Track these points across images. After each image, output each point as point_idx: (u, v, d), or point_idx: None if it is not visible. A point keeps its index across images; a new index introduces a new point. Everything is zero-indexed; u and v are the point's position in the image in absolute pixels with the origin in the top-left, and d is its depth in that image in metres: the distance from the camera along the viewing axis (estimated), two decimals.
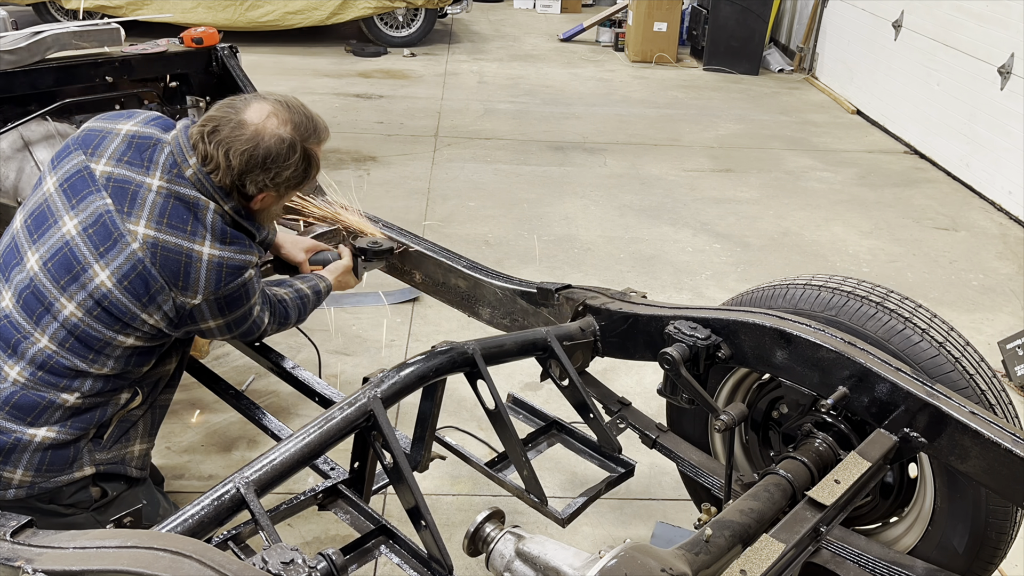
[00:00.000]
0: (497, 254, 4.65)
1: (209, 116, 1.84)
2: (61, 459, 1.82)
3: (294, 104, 1.88)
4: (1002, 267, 4.91)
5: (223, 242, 1.81)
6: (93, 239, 1.77)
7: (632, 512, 2.84)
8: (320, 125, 1.91)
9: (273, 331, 2.11)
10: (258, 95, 1.91)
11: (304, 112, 1.88)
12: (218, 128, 1.80)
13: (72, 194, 1.82)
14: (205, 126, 1.81)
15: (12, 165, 2.93)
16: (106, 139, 1.86)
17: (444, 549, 1.64)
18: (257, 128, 1.80)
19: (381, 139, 6.48)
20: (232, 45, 3.45)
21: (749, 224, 5.29)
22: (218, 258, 1.80)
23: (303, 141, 1.84)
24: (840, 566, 1.80)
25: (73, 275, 1.77)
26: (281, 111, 1.84)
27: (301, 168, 1.86)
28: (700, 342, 1.93)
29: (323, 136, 1.91)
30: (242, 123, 1.80)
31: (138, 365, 1.87)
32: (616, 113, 7.53)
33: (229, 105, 1.85)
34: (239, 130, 1.79)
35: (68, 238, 1.79)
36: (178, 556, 1.18)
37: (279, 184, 1.85)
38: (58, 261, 1.79)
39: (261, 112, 1.82)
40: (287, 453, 1.60)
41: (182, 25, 7.65)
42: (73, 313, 1.77)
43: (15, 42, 2.92)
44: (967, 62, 6.23)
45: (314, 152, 1.89)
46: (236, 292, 1.85)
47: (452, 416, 3.08)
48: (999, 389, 1.87)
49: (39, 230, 1.83)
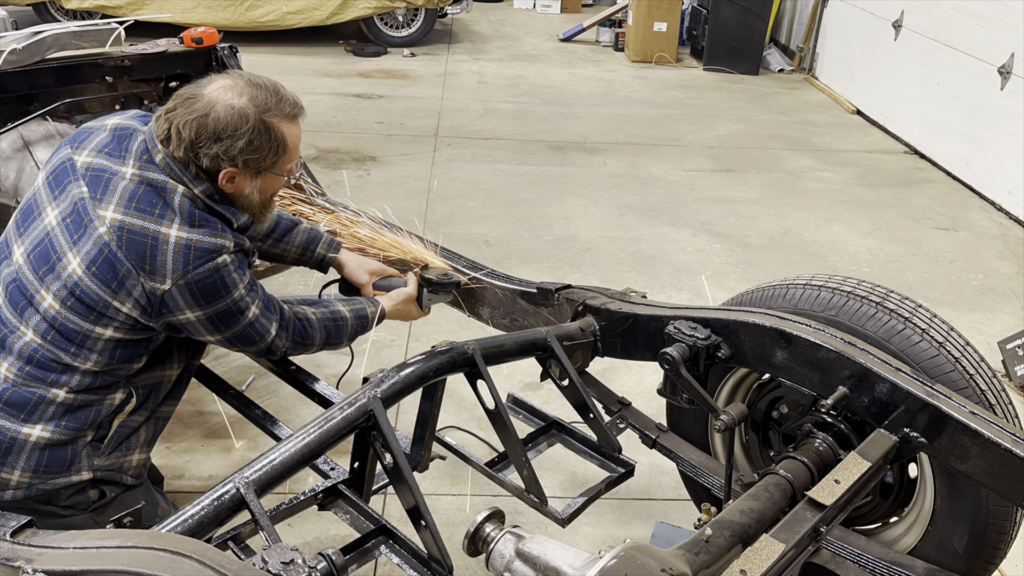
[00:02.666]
0: (497, 254, 4.65)
1: (174, 95, 1.82)
2: (59, 461, 1.81)
3: (260, 80, 1.83)
4: (1002, 267, 4.91)
5: (191, 224, 1.75)
6: (69, 228, 1.77)
7: (632, 512, 2.84)
8: (286, 99, 1.83)
9: (287, 347, 2.00)
10: (227, 72, 1.87)
11: (270, 87, 1.82)
12: (175, 105, 1.78)
13: (55, 186, 1.83)
14: (167, 104, 1.80)
15: (12, 165, 2.93)
16: (92, 133, 1.87)
17: (444, 549, 1.64)
18: (209, 99, 1.76)
19: (381, 139, 6.48)
20: (232, 45, 3.45)
21: (749, 224, 5.29)
22: (185, 240, 1.73)
23: (260, 112, 1.78)
24: (840, 566, 1.80)
25: (50, 265, 1.77)
26: (239, 84, 1.79)
27: (259, 141, 1.78)
28: (700, 342, 1.93)
29: (288, 109, 1.83)
30: (196, 96, 1.77)
31: (124, 360, 1.83)
32: (616, 113, 7.53)
33: (193, 83, 1.82)
34: (192, 102, 1.76)
35: (48, 229, 1.79)
36: (178, 556, 1.18)
37: (235, 158, 1.77)
38: (38, 252, 1.79)
39: (218, 85, 1.79)
40: (287, 453, 1.60)
41: (182, 25, 7.65)
42: (51, 305, 1.76)
43: (15, 42, 2.92)
44: (967, 62, 6.23)
45: (276, 125, 1.81)
46: (209, 278, 1.76)
47: (452, 416, 3.08)
48: (999, 389, 1.87)
49: (25, 223, 1.85)
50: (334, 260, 2.37)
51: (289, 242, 2.32)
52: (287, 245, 2.33)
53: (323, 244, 2.36)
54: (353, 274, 2.35)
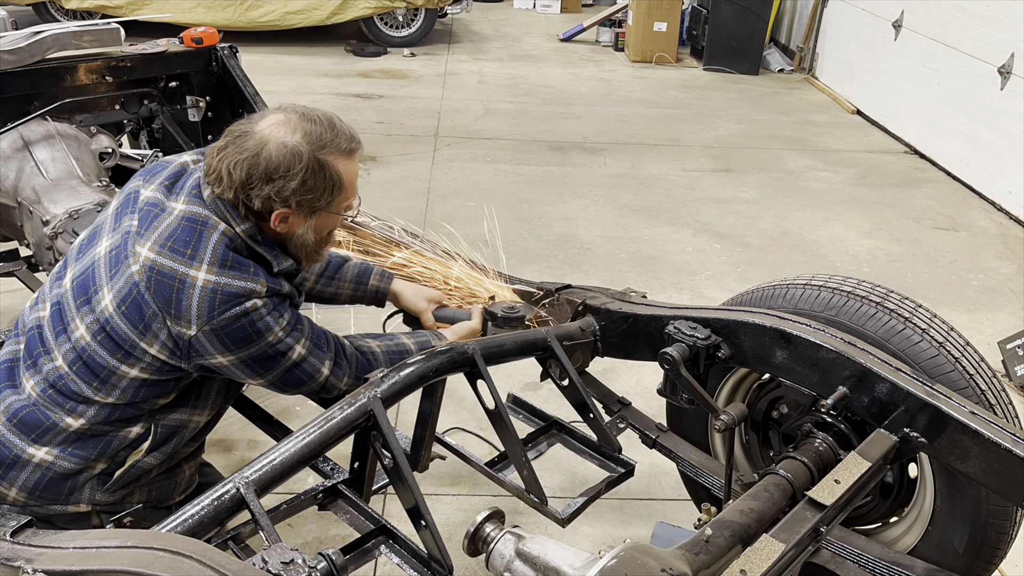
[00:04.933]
0: (497, 254, 4.65)
1: (226, 131, 1.74)
2: (57, 488, 1.76)
3: (314, 114, 1.73)
4: (1002, 267, 4.91)
5: (223, 266, 1.67)
6: (111, 261, 1.73)
7: (632, 512, 2.84)
8: (342, 133, 1.73)
9: (349, 383, 1.88)
10: (283, 106, 1.77)
11: (324, 121, 1.72)
12: (226, 143, 1.70)
13: (118, 216, 1.78)
14: (219, 142, 1.72)
15: (12, 165, 2.93)
16: (164, 168, 1.82)
17: (444, 549, 1.64)
18: (261, 137, 1.68)
19: (381, 139, 6.48)
20: (232, 45, 3.45)
21: (749, 224, 5.29)
22: (213, 284, 1.65)
23: (315, 150, 1.68)
24: (840, 566, 1.80)
25: (87, 296, 1.73)
26: (293, 119, 1.70)
27: (313, 181, 1.68)
28: (700, 342, 1.93)
29: (344, 144, 1.73)
30: (248, 133, 1.69)
31: (149, 397, 1.76)
32: (616, 113, 7.53)
33: (247, 118, 1.75)
34: (244, 140, 1.68)
35: (96, 259, 1.75)
36: (178, 556, 1.18)
37: (288, 199, 1.68)
38: (81, 281, 1.76)
39: (270, 121, 1.71)
40: (287, 453, 1.60)
41: (182, 25, 7.65)
42: (83, 336, 1.72)
43: (15, 42, 2.92)
44: (967, 62, 6.22)
45: (331, 162, 1.71)
46: (236, 322, 1.67)
47: (452, 416, 3.08)
48: (999, 389, 1.87)
49: (84, 248, 1.81)
50: (387, 291, 2.27)
51: (341, 278, 2.23)
52: (339, 282, 2.23)
53: (375, 276, 2.26)
54: (410, 302, 2.26)
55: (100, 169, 3.06)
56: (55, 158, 2.93)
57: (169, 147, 3.39)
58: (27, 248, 3.09)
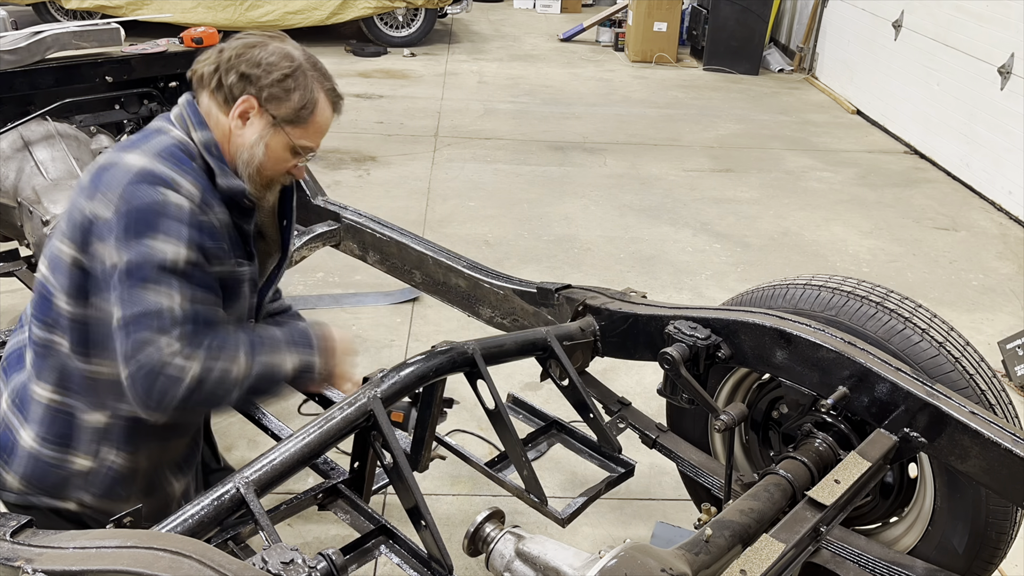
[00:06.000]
0: (497, 254, 4.65)
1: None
2: (46, 478, 1.73)
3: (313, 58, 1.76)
4: (1002, 267, 4.91)
5: (157, 156, 1.59)
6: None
7: (632, 512, 2.84)
8: (335, 83, 1.77)
9: (184, 365, 1.54)
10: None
11: (325, 68, 1.77)
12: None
13: None
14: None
15: (12, 165, 2.93)
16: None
17: (444, 549, 1.64)
18: (264, 40, 1.70)
19: (381, 139, 6.48)
20: None
21: (749, 224, 5.29)
22: (140, 164, 1.57)
23: (308, 68, 1.70)
24: (840, 566, 1.80)
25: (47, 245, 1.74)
26: (300, 49, 1.73)
27: (293, 83, 1.67)
28: (700, 342, 1.93)
29: (333, 88, 1.75)
30: (254, 40, 1.72)
31: (85, 354, 1.67)
32: (616, 113, 7.53)
33: None
34: (246, 38, 1.71)
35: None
36: (178, 556, 1.18)
37: (262, 88, 1.65)
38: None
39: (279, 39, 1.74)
40: (287, 453, 1.60)
41: (182, 25, 7.65)
42: (40, 273, 1.71)
43: (15, 42, 2.92)
44: (967, 62, 6.23)
45: (315, 88, 1.70)
46: (149, 207, 1.53)
47: (452, 416, 3.07)
48: (999, 389, 1.87)
49: None
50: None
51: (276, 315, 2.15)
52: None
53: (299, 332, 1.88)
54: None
55: None
56: (55, 158, 2.93)
57: None
58: (27, 248, 3.09)
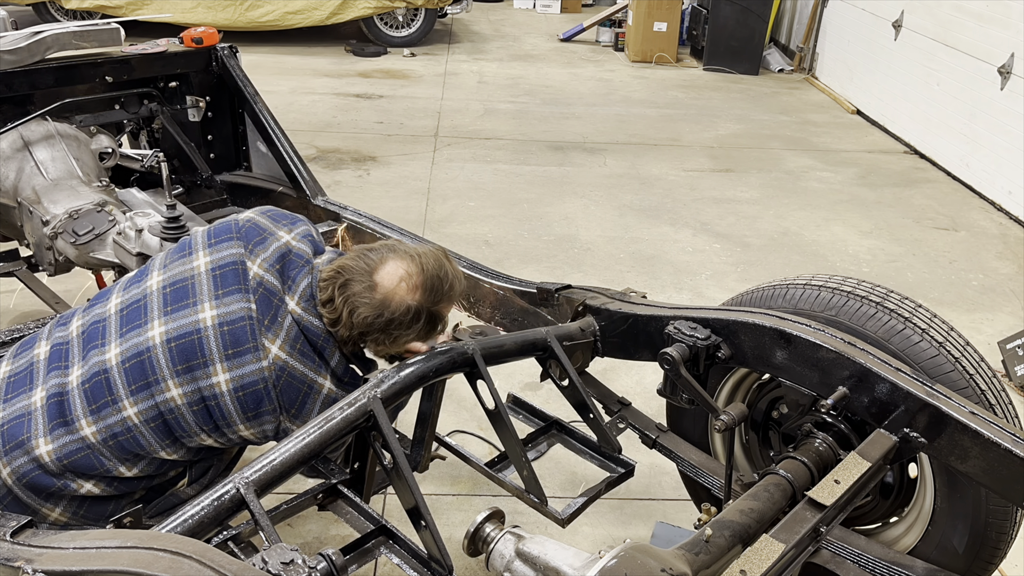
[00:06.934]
0: (497, 254, 4.65)
1: (344, 265, 1.82)
2: (99, 511, 1.81)
3: (430, 264, 1.83)
4: (1002, 267, 4.91)
5: (342, 381, 1.85)
6: (226, 338, 1.76)
7: (632, 512, 2.84)
8: (454, 283, 1.86)
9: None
10: (396, 248, 1.86)
11: (439, 272, 1.83)
12: (349, 283, 1.79)
13: (221, 283, 1.80)
14: (339, 275, 1.80)
15: (12, 165, 2.92)
16: (266, 241, 1.87)
17: (444, 549, 1.64)
18: (386, 295, 1.78)
19: (381, 139, 6.48)
20: (232, 45, 3.45)
21: (749, 224, 5.29)
22: (334, 394, 1.83)
23: (431, 306, 1.82)
24: (840, 566, 1.80)
25: (191, 364, 1.75)
26: (415, 275, 1.80)
27: (423, 331, 1.84)
28: (700, 342, 1.93)
29: (455, 292, 1.87)
30: (373, 286, 1.78)
31: (202, 456, 1.88)
32: (616, 113, 7.53)
33: (366, 257, 1.83)
34: (368, 294, 1.78)
35: (202, 326, 1.76)
36: (178, 556, 1.18)
37: (398, 342, 1.85)
38: (183, 344, 1.75)
39: (394, 275, 1.80)
40: (287, 453, 1.60)
41: (182, 25, 7.65)
42: (174, 399, 1.74)
43: (15, 42, 2.92)
44: (967, 62, 6.22)
45: (440, 312, 1.87)
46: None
47: (452, 416, 3.08)
48: (999, 389, 1.87)
49: (176, 304, 1.80)
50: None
51: None
52: None
53: None
54: None
55: (100, 169, 3.06)
56: (55, 158, 2.93)
57: (169, 147, 3.39)
58: (27, 248, 3.09)
